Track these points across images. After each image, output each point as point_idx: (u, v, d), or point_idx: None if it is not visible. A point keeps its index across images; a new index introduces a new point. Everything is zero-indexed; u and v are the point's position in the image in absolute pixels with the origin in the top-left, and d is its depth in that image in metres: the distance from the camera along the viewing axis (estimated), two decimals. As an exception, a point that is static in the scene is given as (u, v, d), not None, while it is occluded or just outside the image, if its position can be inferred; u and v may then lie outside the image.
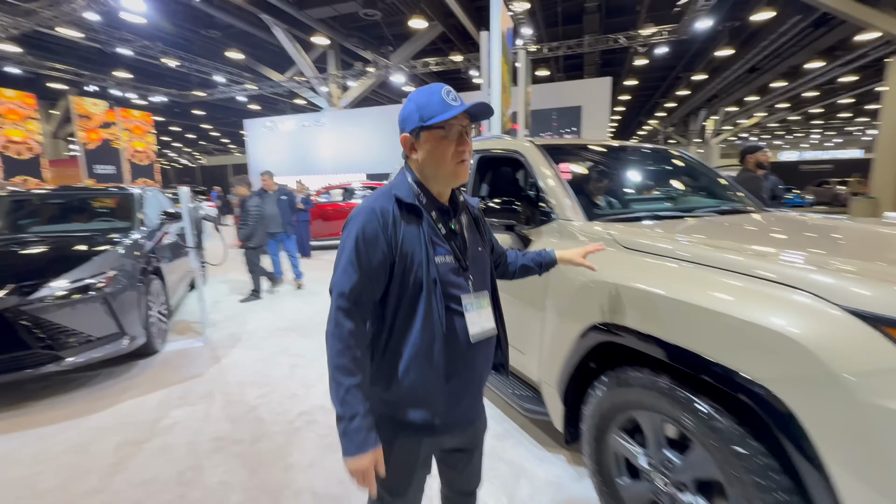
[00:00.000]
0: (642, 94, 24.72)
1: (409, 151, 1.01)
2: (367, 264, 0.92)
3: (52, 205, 4.15)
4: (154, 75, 17.32)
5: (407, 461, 1.03)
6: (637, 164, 2.64)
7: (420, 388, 0.97)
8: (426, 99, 0.96)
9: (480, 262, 1.08)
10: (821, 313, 1.00)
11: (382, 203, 0.96)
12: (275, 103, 22.64)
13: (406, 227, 0.95)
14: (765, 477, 1.07)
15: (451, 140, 0.96)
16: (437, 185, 1.02)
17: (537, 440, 2.22)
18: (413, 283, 0.95)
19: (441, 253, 0.98)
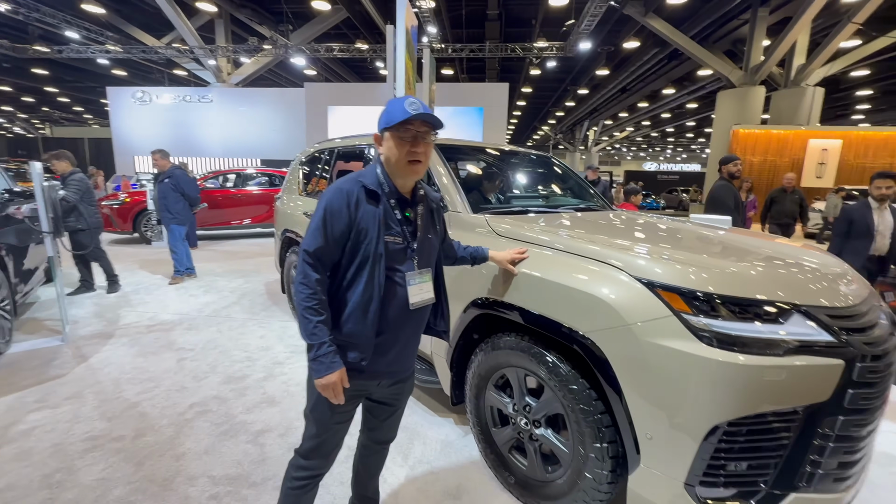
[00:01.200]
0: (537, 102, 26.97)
1: (378, 147, 1.26)
2: (331, 232, 1.16)
3: None
4: (-25, 19, 13.82)
5: None
6: (518, 167, 3.06)
7: (354, 334, 1.20)
8: (393, 107, 1.19)
9: (428, 246, 1.32)
10: (623, 282, 1.39)
11: (350, 186, 1.21)
12: (148, 72, 19.67)
13: (366, 207, 1.19)
14: (588, 404, 1.45)
15: (405, 141, 1.18)
16: (398, 178, 1.25)
17: (430, 407, 2.48)
18: (363, 253, 1.18)
19: (392, 233, 1.22)
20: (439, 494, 1.80)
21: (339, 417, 1.28)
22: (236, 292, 4.83)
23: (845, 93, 19.60)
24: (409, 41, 7.43)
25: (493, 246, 1.80)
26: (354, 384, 1.23)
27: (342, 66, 19.52)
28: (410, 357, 1.38)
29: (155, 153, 4.94)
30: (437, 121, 1.21)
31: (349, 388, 1.21)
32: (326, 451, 1.33)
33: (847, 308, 1.34)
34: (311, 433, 1.31)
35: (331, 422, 1.28)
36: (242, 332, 3.60)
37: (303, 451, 1.33)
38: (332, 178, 3.57)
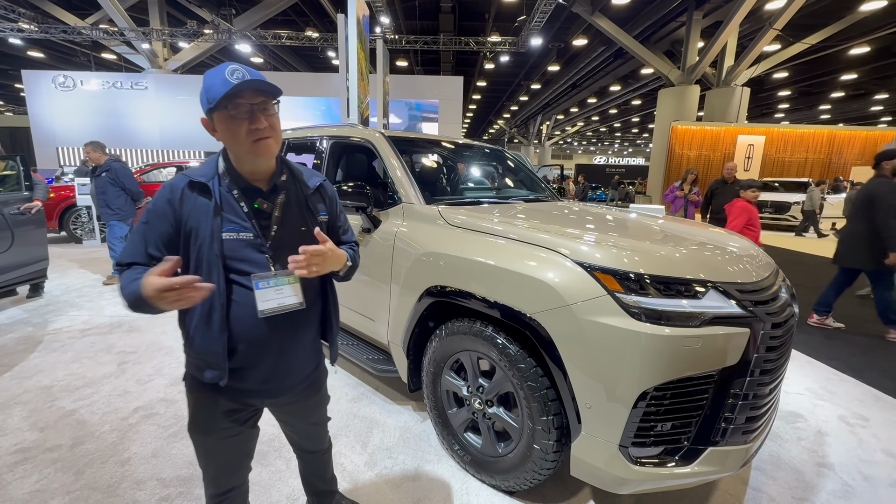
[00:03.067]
0: (491, 96, 27.35)
1: (212, 134, 1.04)
2: (153, 233, 1.02)
3: None
4: None
5: (208, 414, 1.12)
6: (470, 159, 3.14)
7: (203, 351, 1.04)
8: (211, 81, 0.97)
9: (296, 241, 1.04)
10: (564, 267, 1.50)
11: (175, 181, 1.04)
12: (71, 54, 17.92)
13: (195, 202, 1.01)
14: (536, 381, 1.55)
15: (240, 119, 0.98)
16: (245, 163, 1.05)
17: (388, 396, 2.53)
18: (196, 255, 1.01)
19: (232, 230, 1.02)
20: (398, 478, 1.86)
21: (218, 434, 1.13)
22: (182, 291, 4.59)
23: (768, 93, 21.49)
24: (360, 31, 7.30)
25: (448, 236, 1.86)
26: (222, 403, 1.10)
27: (292, 55, 18.78)
28: (298, 366, 1.17)
29: (87, 146, 4.56)
30: (271, 87, 0.99)
31: (219, 404, 1.09)
32: (219, 469, 1.18)
33: (753, 283, 1.52)
34: (198, 454, 1.17)
35: (211, 438, 1.13)
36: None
37: (203, 474, 1.20)
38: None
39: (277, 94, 1.02)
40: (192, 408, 1.14)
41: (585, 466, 1.47)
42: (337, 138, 2.86)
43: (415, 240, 2.01)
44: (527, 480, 1.66)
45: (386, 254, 2.15)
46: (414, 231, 2.06)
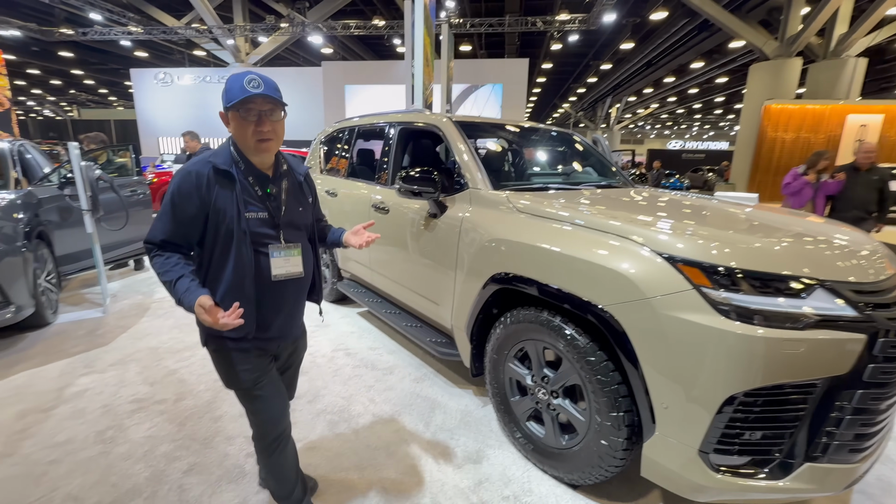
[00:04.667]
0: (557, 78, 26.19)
1: (227, 126, 1.22)
2: (181, 216, 1.17)
3: None
4: (4, 3, 14.12)
5: (242, 359, 1.28)
6: (539, 143, 3.04)
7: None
8: (231, 84, 1.16)
9: (298, 220, 1.32)
10: (643, 257, 1.41)
11: (199, 168, 1.18)
12: (169, 52, 19.85)
13: (220, 188, 1.18)
14: (606, 375, 1.49)
15: (249, 121, 1.16)
16: (251, 156, 1.23)
17: (450, 379, 2.57)
18: (226, 233, 1.18)
19: (253, 210, 1.21)
20: (461, 459, 1.89)
21: (255, 375, 1.29)
22: (261, 269, 4.99)
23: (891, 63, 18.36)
24: (427, 16, 7.30)
25: (516, 223, 1.83)
26: (252, 351, 1.27)
27: (359, 44, 19.28)
28: (298, 320, 1.43)
29: (185, 135, 5.08)
30: (278, 99, 1.18)
31: (251, 353, 1.27)
32: (271, 408, 1.33)
33: (872, 283, 1.33)
34: (246, 402, 1.34)
35: (250, 383, 1.29)
36: (269, 307, 3.75)
37: (255, 422, 1.37)
38: (353, 156, 3.61)
39: (283, 106, 1.21)
40: (227, 365, 1.28)
41: (658, 468, 1.39)
42: (404, 124, 2.91)
43: (481, 226, 2.00)
44: (592, 476, 1.62)
45: (452, 239, 2.17)
46: (480, 217, 2.04)
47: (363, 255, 3.17)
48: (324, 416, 2.18)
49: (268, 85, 1.16)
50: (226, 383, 1.32)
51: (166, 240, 1.18)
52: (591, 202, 1.98)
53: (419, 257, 2.48)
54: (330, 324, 3.40)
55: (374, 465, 1.84)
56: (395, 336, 3.17)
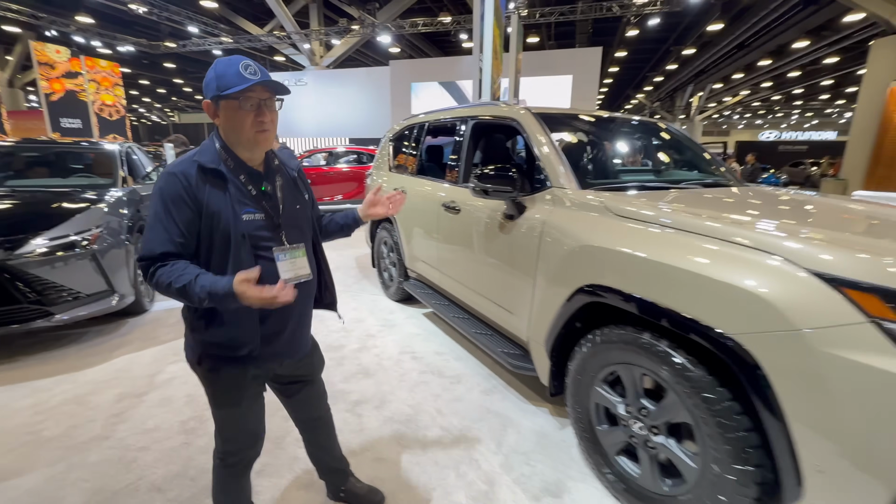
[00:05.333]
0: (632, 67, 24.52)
1: (213, 117, 1.09)
2: (178, 218, 1.02)
3: (25, 158, 3.97)
4: (120, 22, 16.11)
5: (237, 381, 1.17)
6: (629, 136, 2.72)
7: (235, 329, 1.10)
8: (224, 69, 1.03)
9: (297, 218, 1.21)
10: (789, 275, 1.12)
11: (184, 168, 1.05)
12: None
13: (210, 189, 1.05)
14: (729, 419, 1.22)
15: (248, 111, 1.05)
16: (243, 150, 1.10)
17: (522, 394, 2.38)
18: (221, 239, 1.05)
19: (249, 212, 1.09)
20: (538, 489, 1.70)
21: (248, 399, 1.20)
22: (331, 265, 5.11)
23: None
24: (497, 8, 7.06)
25: (612, 228, 1.59)
26: (251, 371, 1.17)
27: (425, 42, 19.44)
28: (306, 331, 1.32)
29: None
30: (281, 86, 1.08)
31: (248, 373, 1.16)
32: (248, 433, 1.25)
33: None
34: (225, 425, 1.23)
35: (242, 406, 1.20)
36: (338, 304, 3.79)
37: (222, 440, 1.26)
38: (422, 154, 3.52)
39: (284, 93, 1.11)
40: (217, 385, 1.18)
41: (804, 544, 1.10)
42: (477, 119, 2.75)
43: (567, 230, 1.78)
44: (703, 534, 1.36)
45: (531, 244, 1.97)
46: (566, 220, 1.82)
47: (432, 256, 3.06)
48: (390, 425, 2.10)
49: (262, 71, 1.06)
50: (215, 406, 1.21)
51: (167, 252, 1.02)
52: (704, 205, 1.68)
53: (493, 262, 2.31)
54: (396, 324, 3.35)
55: (442, 486, 1.72)
56: (463, 341, 3.03)
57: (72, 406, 2.22)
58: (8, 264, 2.53)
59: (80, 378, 2.50)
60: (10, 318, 2.58)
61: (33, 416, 2.14)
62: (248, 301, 0.95)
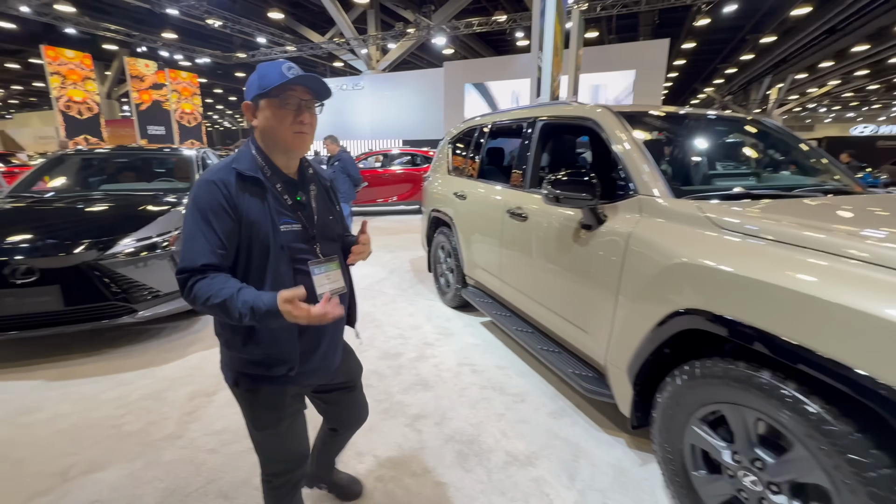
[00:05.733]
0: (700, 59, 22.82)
1: (251, 119, 1.07)
2: (218, 228, 0.98)
3: (117, 164, 4.33)
4: (199, 36, 17.48)
5: (276, 401, 1.14)
6: (725, 137, 2.41)
7: (274, 346, 1.06)
8: (267, 70, 1.03)
9: (330, 230, 1.18)
10: None
11: (222, 175, 1.01)
12: (314, 66, 22.47)
13: (249, 198, 1.01)
14: (888, 489, 0.98)
15: (288, 110, 1.02)
16: (279, 155, 1.08)
17: (594, 420, 2.18)
18: (260, 250, 1.02)
19: (286, 222, 1.06)
20: (620, 536, 1.52)
21: (289, 418, 1.16)
22: (386, 267, 5.15)
23: None
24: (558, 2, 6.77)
25: (720, 244, 1.37)
26: (289, 389, 1.13)
27: (479, 42, 19.30)
28: (339, 347, 1.27)
29: (326, 139, 5.50)
30: (323, 87, 1.05)
31: (287, 392, 1.13)
32: (293, 451, 1.21)
33: None
34: (267, 448, 1.19)
35: (283, 425, 1.15)
36: (393, 309, 3.77)
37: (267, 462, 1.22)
38: (484, 156, 3.39)
39: (325, 97, 1.08)
40: (256, 407, 1.14)
41: None
42: (547, 119, 2.57)
43: (659, 244, 1.57)
44: None
45: (613, 258, 1.77)
46: (657, 232, 1.61)
47: (493, 264, 2.93)
48: (452, 445, 1.99)
49: (307, 74, 1.03)
50: (256, 427, 1.17)
51: (208, 264, 0.96)
52: (837, 218, 1.40)
53: (565, 274, 2.13)
54: (453, 333, 3.25)
55: (512, 521, 1.58)
56: (525, 356, 2.87)
57: (150, 401, 2.33)
58: (99, 263, 2.73)
59: (158, 374, 2.63)
60: (101, 313, 2.78)
61: (117, 409, 2.27)
62: (294, 320, 0.91)
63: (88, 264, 2.71)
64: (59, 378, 2.58)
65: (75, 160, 4.20)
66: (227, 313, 0.93)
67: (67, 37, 15.46)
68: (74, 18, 14.04)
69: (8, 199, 3.42)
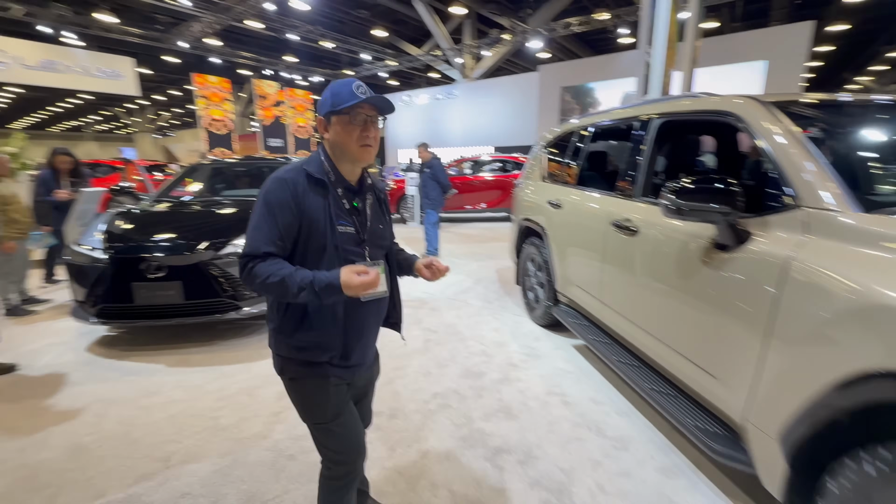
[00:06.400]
0: (854, 42, 18.99)
1: (323, 132, 1.16)
2: (282, 223, 1.06)
3: (235, 172, 4.84)
4: (313, 57, 19.37)
5: (321, 390, 1.18)
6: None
7: (321, 336, 1.14)
8: (339, 89, 1.11)
9: (379, 237, 1.25)
10: None
11: (293, 175, 1.10)
12: (411, 78, 23.53)
13: (313, 197, 1.10)
14: None
15: (356, 125, 1.11)
16: (346, 164, 1.16)
17: (718, 485, 1.74)
18: (316, 246, 1.10)
19: (342, 224, 1.13)
20: None
21: (334, 409, 1.20)
22: (472, 276, 5.00)
23: None
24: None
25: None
26: (333, 380, 1.18)
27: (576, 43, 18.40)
28: (374, 344, 1.34)
29: (420, 146, 5.57)
30: (387, 104, 1.14)
31: (330, 381, 1.17)
32: (353, 441, 1.24)
33: None
34: (328, 438, 1.23)
35: (331, 416, 1.20)
36: (478, 321, 3.59)
37: (327, 456, 1.25)
38: (584, 161, 3.06)
39: (388, 112, 1.16)
40: (306, 396, 1.20)
41: None
42: (667, 117, 2.18)
43: (846, 277, 1.15)
44: None
45: (763, 288, 1.37)
46: (840, 259, 1.19)
47: (592, 283, 2.59)
48: (538, 491, 1.73)
49: (372, 93, 1.12)
50: (303, 416, 1.23)
51: (269, 252, 1.06)
52: None
53: (688, 303, 1.74)
54: (541, 355, 2.96)
55: None
56: (627, 391, 2.47)
57: (244, 397, 2.46)
58: (214, 263, 2.99)
59: (254, 369, 2.78)
60: (213, 308, 3.05)
61: (217, 401, 2.42)
62: (352, 290, 1.00)
63: (205, 263, 2.99)
64: (176, 364, 2.87)
65: (206, 169, 4.78)
66: (285, 290, 1.03)
67: (212, 65, 18.29)
68: (218, 49, 16.53)
69: (153, 203, 3.98)
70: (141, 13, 14.25)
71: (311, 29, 15.06)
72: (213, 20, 13.53)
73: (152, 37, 14.82)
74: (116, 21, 13.69)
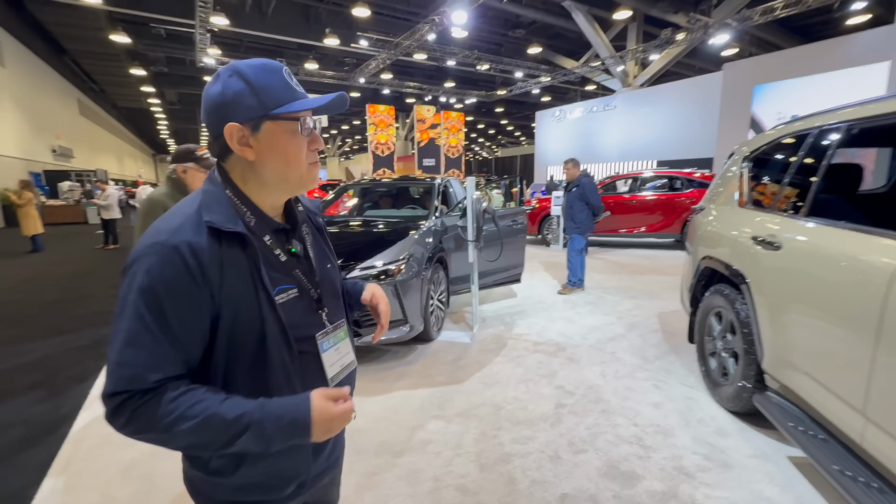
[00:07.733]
0: None
1: (238, 147, 0.70)
2: (176, 325, 0.63)
3: (378, 192, 4.98)
4: (468, 81, 20.26)
5: None
6: None
7: (284, 459, 0.75)
8: (265, 79, 0.69)
9: (331, 283, 0.86)
10: None
11: (188, 237, 0.64)
12: (565, 92, 22.62)
13: (228, 265, 0.67)
14: None
15: (304, 136, 0.73)
16: (274, 195, 0.76)
17: None
18: (251, 338, 0.69)
19: (283, 289, 0.74)
20: None
21: None
22: (624, 319, 4.07)
23: None
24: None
25: None
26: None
27: (776, 32, 14.78)
28: (343, 438, 0.95)
29: (567, 163, 4.96)
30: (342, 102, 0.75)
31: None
32: None
33: None
34: None
35: None
36: (630, 388, 2.75)
37: None
38: (822, 181, 2.02)
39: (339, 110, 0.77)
40: None
41: None
42: None
43: None
44: None
45: None
46: None
47: (843, 376, 1.60)
48: None
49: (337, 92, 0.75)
50: None
51: (164, 378, 0.63)
52: None
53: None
54: (733, 464, 2.00)
55: None
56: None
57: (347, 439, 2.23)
58: (339, 286, 2.94)
59: (365, 407, 2.57)
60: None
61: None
62: (327, 428, 0.68)
63: (332, 285, 2.96)
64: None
65: (354, 189, 5.05)
66: (208, 438, 0.63)
67: (384, 96, 20.75)
68: (389, 82, 18.65)
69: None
70: (334, 58, 17.15)
71: (468, 53, 15.67)
72: (386, 56, 15.27)
73: (340, 76, 17.62)
74: (316, 67, 16.80)
